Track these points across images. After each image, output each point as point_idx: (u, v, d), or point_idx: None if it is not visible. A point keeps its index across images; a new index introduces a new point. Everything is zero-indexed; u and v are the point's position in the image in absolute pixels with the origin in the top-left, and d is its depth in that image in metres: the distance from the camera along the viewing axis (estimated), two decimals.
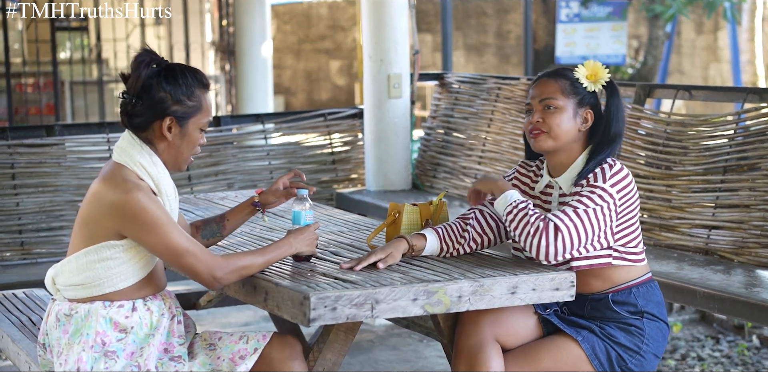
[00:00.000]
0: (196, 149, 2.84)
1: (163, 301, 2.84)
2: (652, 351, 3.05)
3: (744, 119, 4.30)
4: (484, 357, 2.93)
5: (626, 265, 3.04)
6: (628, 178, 2.99)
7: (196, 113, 2.78)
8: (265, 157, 5.67)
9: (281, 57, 15.70)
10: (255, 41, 10.52)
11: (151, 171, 2.75)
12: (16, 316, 3.57)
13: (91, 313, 2.73)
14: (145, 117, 2.75)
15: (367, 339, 5.05)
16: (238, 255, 2.78)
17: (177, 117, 2.75)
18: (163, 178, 2.79)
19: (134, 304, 2.77)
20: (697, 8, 12.56)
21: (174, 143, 2.78)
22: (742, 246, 4.10)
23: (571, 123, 3.03)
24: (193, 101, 2.76)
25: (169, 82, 2.74)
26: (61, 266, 2.79)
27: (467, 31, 15.27)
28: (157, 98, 2.73)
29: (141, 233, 2.66)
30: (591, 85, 3.05)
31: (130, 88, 2.75)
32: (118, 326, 2.74)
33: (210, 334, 2.93)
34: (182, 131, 2.78)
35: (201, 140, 2.84)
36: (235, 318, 5.54)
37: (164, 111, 2.74)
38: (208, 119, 2.83)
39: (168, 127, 2.75)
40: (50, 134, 5.14)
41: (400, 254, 2.95)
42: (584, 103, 3.05)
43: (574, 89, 3.05)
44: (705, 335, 5.21)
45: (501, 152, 5.41)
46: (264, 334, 2.85)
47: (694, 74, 14.73)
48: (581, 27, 11.13)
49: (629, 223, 3.02)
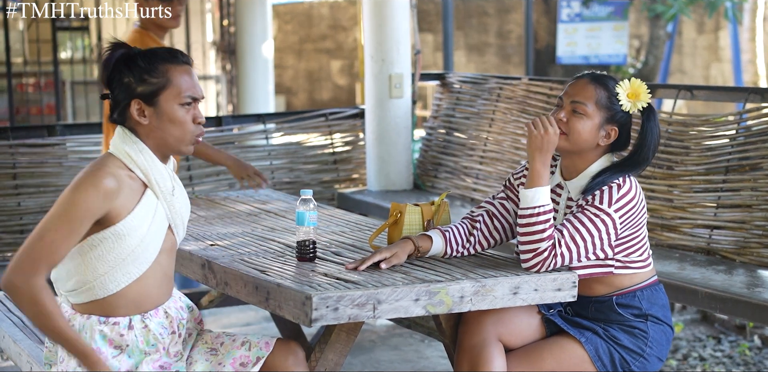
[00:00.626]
0: (190, 127, 2.68)
1: (166, 318, 2.73)
2: (655, 354, 3.04)
3: (745, 119, 4.30)
4: (486, 356, 2.92)
5: (630, 273, 3.03)
6: (635, 200, 2.94)
7: (164, 89, 2.65)
8: (267, 157, 5.67)
9: (282, 57, 15.70)
10: (256, 41, 10.52)
11: (137, 159, 2.64)
12: (17, 316, 3.57)
13: (86, 328, 2.66)
14: (120, 107, 2.66)
15: (368, 339, 5.05)
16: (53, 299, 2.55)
17: (143, 97, 2.64)
18: (153, 167, 2.66)
19: (131, 322, 2.67)
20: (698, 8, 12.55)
21: (153, 125, 2.66)
22: (744, 246, 4.09)
23: (593, 134, 2.97)
24: (157, 78, 2.64)
25: (128, 65, 2.65)
26: (56, 272, 2.69)
27: (468, 31, 15.26)
28: (123, 85, 2.65)
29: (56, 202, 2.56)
30: (628, 104, 2.96)
31: (103, 84, 2.69)
32: (113, 343, 2.67)
33: (212, 337, 2.87)
34: (156, 111, 2.65)
35: (193, 116, 2.68)
36: (236, 318, 5.53)
37: (131, 95, 2.65)
38: (187, 94, 2.67)
39: (139, 111, 2.65)
40: (51, 134, 5.15)
41: (405, 255, 2.95)
42: (614, 119, 2.97)
43: (609, 103, 2.97)
44: (707, 335, 5.21)
45: (502, 152, 5.40)
46: (267, 341, 2.80)
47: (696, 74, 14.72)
48: (582, 27, 11.12)
49: (632, 237, 2.99)
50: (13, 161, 5.00)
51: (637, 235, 3.00)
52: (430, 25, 14.36)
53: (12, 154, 5.01)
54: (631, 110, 2.98)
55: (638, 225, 2.99)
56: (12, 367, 4.65)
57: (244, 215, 3.79)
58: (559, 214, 3.06)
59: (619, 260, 2.99)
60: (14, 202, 4.97)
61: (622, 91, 2.97)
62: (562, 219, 3.03)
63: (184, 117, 2.67)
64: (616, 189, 2.91)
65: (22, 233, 4.95)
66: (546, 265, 2.86)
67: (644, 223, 3.02)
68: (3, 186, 4.97)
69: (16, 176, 5.00)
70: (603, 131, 2.98)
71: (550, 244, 2.85)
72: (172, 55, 2.69)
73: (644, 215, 3.01)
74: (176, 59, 2.68)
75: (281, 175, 5.66)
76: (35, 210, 4.98)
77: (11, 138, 5.04)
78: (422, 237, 3.02)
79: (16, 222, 4.96)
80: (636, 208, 2.94)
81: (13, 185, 4.99)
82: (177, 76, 2.67)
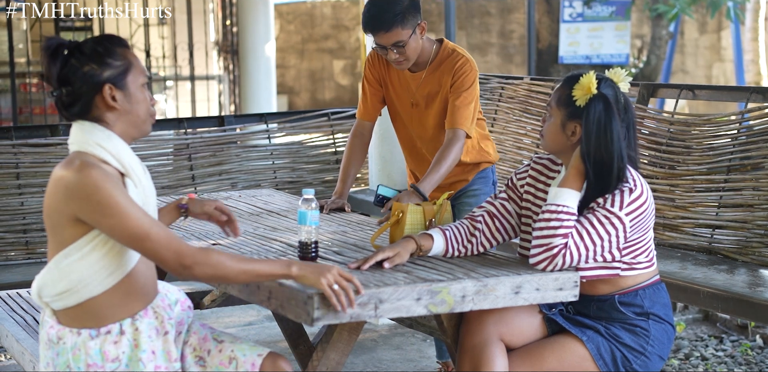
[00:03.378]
0: (151, 109, 2.68)
1: (155, 318, 2.68)
2: (657, 352, 3.04)
3: (747, 119, 4.30)
4: (488, 356, 2.93)
5: (634, 274, 3.03)
6: (646, 204, 2.94)
7: (129, 70, 2.63)
8: (269, 157, 5.68)
9: (285, 57, 15.71)
10: (258, 41, 10.53)
11: (107, 146, 2.59)
12: (20, 316, 3.58)
13: (78, 345, 2.60)
14: (84, 98, 2.60)
15: (370, 338, 5.05)
16: (221, 252, 2.62)
17: (113, 81, 2.61)
18: (124, 152, 2.62)
19: (121, 327, 2.62)
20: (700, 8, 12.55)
21: (124, 109, 2.62)
22: (746, 245, 4.10)
23: (558, 134, 3.00)
24: (119, 60, 2.62)
25: (85, 54, 2.60)
26: (42, 278, 2.63)
27: (471, 31, 15.27)
28: (84, 74, 2.59)
29: (97, 215, 2.48)
30: (580, 98, 2.96)
31: (53, 81, 2.61)
32: (110, 356, 2.61)
33: (200, 342, 2.81)
34: (125, 93, 2.62)
35: (150, 98, 2.68)
36: (238, 317, 5.54)
37: (99, 82, 2.60)
38: (145, 75, 2.68)
39: (111, 96, 2.61)
40: (54, 134, 5.15)
41: (408, 254, 2.96)
42: (574, 115, 2.97)
43: (567, 100, 2.99)
44: (708, 335, 5.21)
45: (504, 152, 5.41)
46: (253, 362, 2.74)
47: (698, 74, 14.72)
48: (584, 26, 11.13)
49: (640, 240, 3.00)
50: (16, 161, 5.01)
51: (645, 237, 3.01)
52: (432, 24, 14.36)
53: (15, 154, 5.02)
54: (579, 103, 2.95)
55: (646, 228, 2.99)
56: (15, 366, 4.66)
57: (246, 215, 3.80)
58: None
59: (625, 262, 3.00)
60: (17, 201, 4.98)
61: (578, 85, 2.97)
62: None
63: (146, 98, 2.68)
64: (628, 193, 2.91)
65: (26, 233, 4.95)
66: (553, 263, 2.86)
67: (652, 226, 3.03)
68: (6, 185, 4.98)
69: (19, 176, 5.01)
70: (567, 130, 2.99)
71: (562, 242, 2.86)
72: (117, 39, 2.67)
73: (653, 219, 3.01)
74: (123, 42, 2.67)
75: (283, 175, 5.67)
76: (38, 209, 4.98)
77: (14, 138, 5.05)
78: (423, 236, 3.03)
79: (19, 221, 4.96)
80: (646, 212, 2.95)
81: (16, 185, 4.99)
82: (132, 57, 2.66)
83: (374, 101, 4.08)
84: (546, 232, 2.88)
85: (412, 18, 3.76)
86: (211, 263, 2.56)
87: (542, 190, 3.11)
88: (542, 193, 3.10)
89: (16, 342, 3.29)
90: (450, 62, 3.90)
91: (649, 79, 11.28)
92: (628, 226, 2.91)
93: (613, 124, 2.94)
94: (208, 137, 5.54)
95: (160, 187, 5.29)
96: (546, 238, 2.87)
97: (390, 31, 3.73)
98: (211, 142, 5.52)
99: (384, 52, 3.82)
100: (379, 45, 3.80)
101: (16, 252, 4.93)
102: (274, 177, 5.63)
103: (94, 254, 2.56)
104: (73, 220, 2.52)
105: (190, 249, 2.55)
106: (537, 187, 3.12)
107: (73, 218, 2.52)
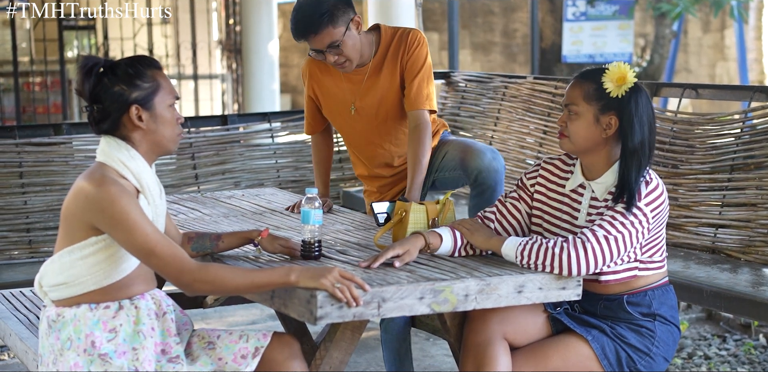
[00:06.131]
0: (178, 128, 2.81)
1: (152, 300, 2.80)
2: (661, 354, 3.04)
3: (751, 118, 4.30)
4: (491, 355, 2.92)
5: (647, 274, 3.03)
6: (663, 196, 2.94)
7: (157, 92, 2.76)
8: (272, 156, 5.68)
9: (288, 55, 15.71)
10: (262, 40, 10.53)
11: (130, 165, 2.74)
12: (23, 314, 3.58)
13: (78, 316, 2.72)
14: (112, 117, 2.75)
15: (373, 337, 5.05)
16: (221, 266, 2.71)
17: (140, 102, 2.74)
18: (144, 172, 2.77)
19: (120, 304, 2.75)
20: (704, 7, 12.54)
21: (150, 128, 2.76)
22: (749, 245, 4.10)
23: (591, 130, 2.96)
24: (148, 82, 2.75)
25: (116, 74, 2.74)
26: (45, 267, 2.78)
27: (474, 30, 15.26)
28: (114, 94, 2.73)
29: (110, 227, 2.65)
30: (615, 89, 2.94)
31: (86, 98, 2.76)
32: (107, 326, 2.72)
33: (207, 332, 2.91)
34: (152, 114, 2.76)
35: (177, 118, 2.81)
36: (241, 317, 5.54)
37: (126, 102, 2.73)
38: (174, 95, 2.80)
39: (138, 116, 2.74)
40: (58, 133, 5.15)
41: (417, 251, 2.95)
42: (609, 108, 2.94)
43: (598, 94, 2.95)
44: (712, 334, 5.21)
45: (508, 151, 5.41)
46: (264, 333, 2.84)
47: (701, 73, 14.71)
48: (588, 25, 11.12)
49: (657, 235, 2.99)
50: (20, 160, 5.01)
51: (661, 233, 3.00)
52: (435, 23, 14.36)
53: (18, 153, 5.02)
54: (614, 94, 2.93)
55: (663, 223, 2.99)
56: (18, 366, 4.67)
57: (249, 214, 3.80)
58: (581, 214, 3.02)
59: (642, 261, 2.99)
60: (21, 200, 4.98)
61: (607, 78, 2.95)
62: (584, 219, 3.01)
63: (174, 118, 2.80)
64: (644, 186, 2.91)
65: (29, 232, 4.96)
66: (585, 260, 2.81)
67: (666, 222, 3.02)
68: (9, 185, 4.98)
69: (22, 175, 5.01)
70: (601, 123, 2.96)
71: (565, 242, 2.83)
72: (149, 61, 2.80)
73: (667, 213, 3.01)
74: (154, 64, 2.80)
75: (286, 174, 5.66)
76: (41, 209, 4.99)
77: (18, 137, 5.05)
78: (432, 234, 3.01)
79: (22, 220, 4.97)
80: (664, 204, 2.94)
81: (20, 184, 5.00)
82: (161, 79, 2.79)
83: (317, 116, 3.95)
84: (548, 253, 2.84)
85: (343, 14, 3.57)
86: (209, 280, 2.67)
87: (553, 190, 3.10)
88: (553, 193, 3.09)
89: (19, 340, 3.30)
90: (397, 41, 3.73)
91: (653, 78, 11.28)
92: (650, 218, 2.90)
93: (652, 107, 2.98)
94: (212, 136, 5.54)
95: (163, 186, 5.28)
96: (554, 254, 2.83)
97: (319, 32, 3.56)
98: (215, 141, 5.53)
99: (321, 56, 3.64)
100: (315, 50, 3.63)
101: (19, 251, 4.93)
102: (278, 176, 5.63)
103: (96, 257, 2.72)
104: (88, 225, 2.69)
105: (191, 266, 2.68)
106: (548, 187, 3.12)
107: (89, 225, 2.69)
